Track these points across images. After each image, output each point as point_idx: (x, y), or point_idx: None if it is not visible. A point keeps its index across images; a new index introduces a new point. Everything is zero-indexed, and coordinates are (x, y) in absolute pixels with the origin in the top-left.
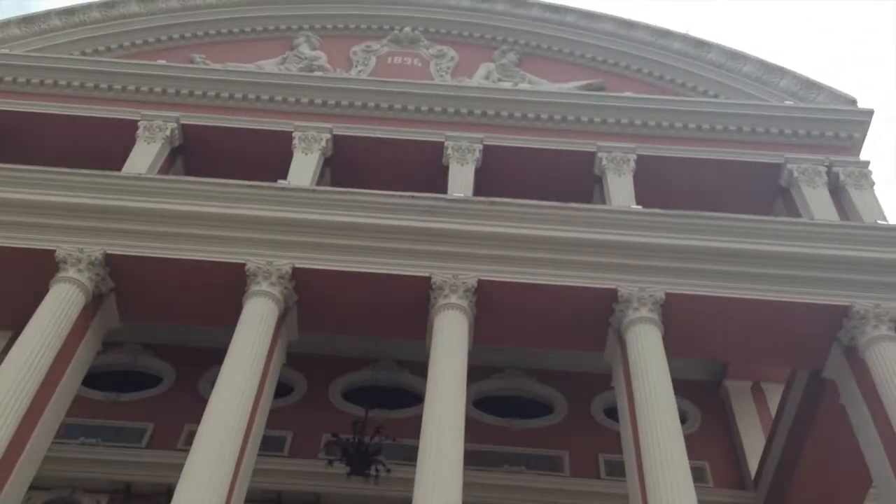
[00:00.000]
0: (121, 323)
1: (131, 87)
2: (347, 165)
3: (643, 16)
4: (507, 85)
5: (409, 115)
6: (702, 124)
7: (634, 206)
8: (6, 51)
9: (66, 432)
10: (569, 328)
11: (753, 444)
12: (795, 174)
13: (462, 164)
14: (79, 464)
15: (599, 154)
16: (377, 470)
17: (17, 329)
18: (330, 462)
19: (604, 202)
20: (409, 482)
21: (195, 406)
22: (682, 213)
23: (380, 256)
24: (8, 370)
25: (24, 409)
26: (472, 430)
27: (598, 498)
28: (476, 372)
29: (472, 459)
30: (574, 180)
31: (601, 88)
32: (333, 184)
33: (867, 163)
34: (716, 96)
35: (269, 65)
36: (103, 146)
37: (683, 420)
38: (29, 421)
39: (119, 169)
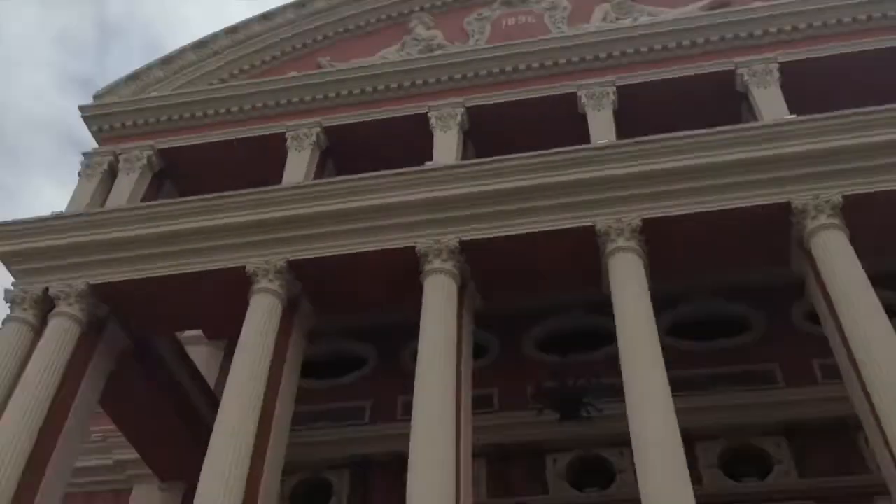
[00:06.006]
0: (316, 320)
1: (271, 103)
2: (487, 135)
3: None
4: (627, 22)
5: (535, 73)
6: (842, 18)
7: (789, 116)
8: (154, 94)
9: (299, 419)
10: (747, 249)
11: None
12: None
13: (598, 110)
14: (315, 447)
15: (739, 70)
16: (588, 411)
17: (229, 338)
18: (539, 411)
19: (754, 118)
20: (625, 417)
21: (402, 379)
22: (841, 114)
23: (540, 215)
24: (238, 377)
25: (259, 408)
26: (673, 357)
27: (815, 404)
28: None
29: (681, 386)
30: (719, 102)
31: (724, 3)
32: (477, 155)
33: None
34: None
35: (391, 53)
36: (257, 162)
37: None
38: (265, 417)
39: (278, 180)
